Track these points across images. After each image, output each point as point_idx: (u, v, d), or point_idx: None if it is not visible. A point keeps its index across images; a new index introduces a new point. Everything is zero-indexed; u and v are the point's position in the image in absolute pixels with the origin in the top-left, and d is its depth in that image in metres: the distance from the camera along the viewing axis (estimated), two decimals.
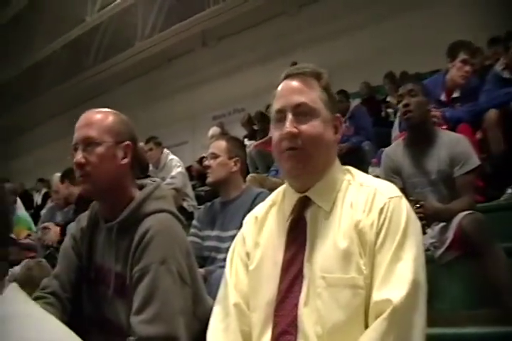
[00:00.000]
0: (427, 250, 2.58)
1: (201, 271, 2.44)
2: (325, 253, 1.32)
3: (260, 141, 6.81)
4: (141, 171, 1.90)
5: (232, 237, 1.62)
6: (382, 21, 8.39)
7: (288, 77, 1.45)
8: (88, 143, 1.67)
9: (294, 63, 1.54)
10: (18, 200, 5.53)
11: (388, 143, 3.81)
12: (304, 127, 1.37)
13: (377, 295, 1.23)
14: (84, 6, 9.12)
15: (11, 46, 10.35)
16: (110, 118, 1.73)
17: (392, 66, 6.95)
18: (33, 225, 5.51)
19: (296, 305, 1.30)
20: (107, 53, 10.74)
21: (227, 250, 1.59)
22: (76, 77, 11.22)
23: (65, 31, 9.49)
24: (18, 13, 8.81)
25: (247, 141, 7.10)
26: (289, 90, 1.42)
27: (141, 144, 5.88)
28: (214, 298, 1.53)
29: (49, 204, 6.78)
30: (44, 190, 9.49)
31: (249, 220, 1.55)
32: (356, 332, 1.23)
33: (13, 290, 0.83)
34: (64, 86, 11.44)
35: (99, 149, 1.66)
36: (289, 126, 1.36)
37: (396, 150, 3.10)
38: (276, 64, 8.59)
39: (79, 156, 1.66)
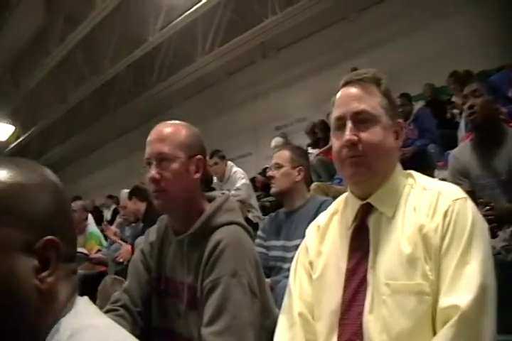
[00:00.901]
0: (498, 253, 2.48)
1: (267, 281, 2.41)
2: (389, 260, 1.29)
3: (322, 149, 6.78)
4: (206, 184, 1.92)
5: (297, 246, 1.61)
6: (443, 20, 8.19)
7: (347, 83, 1.44)
8: (161, 158, 1.68)
9: (354, 69, 1.52)
10: (90, 216, 5.69)
11: (454, 145, 3.70)
12: (364, 135, 1.35)
13: (444, 301, 1.19)
14: (146, 26, 9.38)
15: (81, 68, 10.76)
16: (182, 132, 1.74)
17: (455, 65, 6.76)
18: (103, 240, 5.66)
19: (360, 313, 1.28)
20: (170, 70, 10.98)
21: (292, 259, 1.59)
22: (140, 96, 11.52)
23: (129, 52, 9.79)
24: (86, 37, 9.16)
25: (310, 150, 7.07)
26: (349, 97, 1.40)
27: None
28: (280, 307, 1.52)
29: (118, 219, 6.94)
30: (113, 206, 9.72)
31: (311, 229, 1.55)
32: (423, 339, 1.19)
33: (85, 303, 0.85)
34: (130, 105, 11.77)
35: (174, 165, 1.67)
36: (348, 133, 1.35)
37: (463, 151, 3.00)
38: (336, 71, 8.54)
39: (153, 172, 1.67)
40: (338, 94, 1.44)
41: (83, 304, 0.84)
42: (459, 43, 7.80)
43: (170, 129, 1.73)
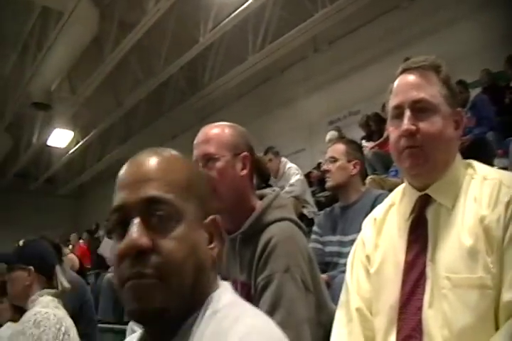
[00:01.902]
0: None
1: (323, 276, 2.43)
2: (449, 253, 1.26)
3: (376, 142, 6.69)
4: (263, 181, 1.93)
5: (353, 241, 1.59)
6: (499, 4, 7.90)
7: (405, 71, 1.40)
8: (208, 159, 1.70)
9: (407, 59, 1.49)
10: None
11: None
12: (423, 124, 1.32)
13: (507, 295, 1.15)
14: (197, 27, 9.48)
15: (136, 72, 10.97)
16: (226, 132, 1.76)
17: None
18: None
19: (420, 308, 1.25)
20: (221, 70, 11.05)
21: (348, 254, 1.58)
22: (194, 96, 11.65)
23: (181, 53, 9.92)
24: (139, 41, 9.34)
25: (364, 143, 7.00)
26: (407, 85, 1.37)
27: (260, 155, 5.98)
28: (337, 303, 1.51)
29: None
30: None
31: (368, 222, 1.52)
32: (485, 335, 1.15)
33: (226, 286, 0.95)
34: (184, 106, 11.93)
35: (219, 164, 1.69)
36: (407, 123, 1.32)
37: None
38: (389, 62, 8.35)
39: None
40: (396, 82, 1.41)
41: (224, 286, 0.94)
42: None
43: (214, 130, 1.76)
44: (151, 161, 0.90)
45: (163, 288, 0.83)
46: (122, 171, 0.92)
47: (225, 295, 0.90)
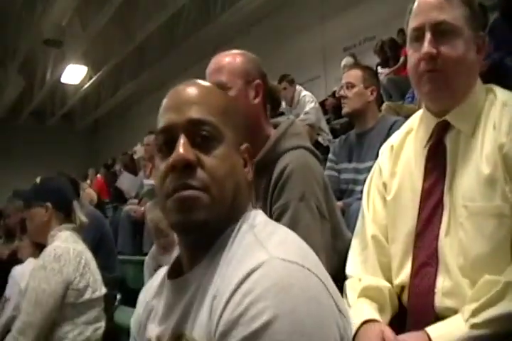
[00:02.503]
0: None
1: (339, 204, 2.45)
2: (467, 181, 1.22)
3: (392, 68, 6.54)
4: (274, 109, 1.90)
5: (369, 168, 1.57)
6: None
7: None
8: (220, 88, 1.66)
9: None
10: None
11: None
12: (444, 48, 1.26)
13: None
14: None
15: (146, 4, 10.68)
16: (238, 60, 1.72)
17: None
18: None
19: (436, 236, 1.23)
20: None
21: (364, 182, 1.55)
22: (205, 27, 11.38)
23: None
24: None
25: (380, 69, 6.84)
26: (428, 6, 1.29)
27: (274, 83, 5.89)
28: (353, 230, 1.50)
29: None
30: None
31: (384, 149, 1.49)
32: (501, 263, 1.14)
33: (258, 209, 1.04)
34: (195, 36, 11.67)
35: (231, 93, 1.65)
36: (427, 46, 1.26)
37: None
38: None
39: None
40: (416, 2, 1.33)
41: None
42: None
43: (226, 59, 1.73)
44: (194, 88, 0.99)
45: (207, 200, 0.90)
46: (167, 97, 1.00)
47: (259, 215, 0.99)
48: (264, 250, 0.85)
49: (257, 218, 0.97)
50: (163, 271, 1.10)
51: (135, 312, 1.14)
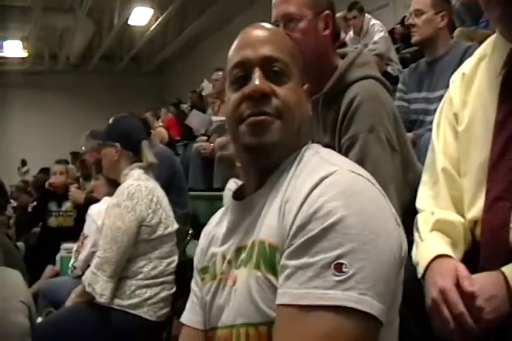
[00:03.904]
0: None
1: (409, 135, 2.39)
2: None
3: None
4: (335, 39, 1.82)
5: (441, 98, 1.48)
6: None
7: None
8: (289, 19, 1.61)
9: None
10: None
11: None
12: None
13: None
14: None
15: None
16: None
17: None
18: None
19: (511, 169, 1.15)
20: None
21: (435, 112, 1.47)
22: None
23: None
24: None
25: None
26: None
27: (343, 13, 5.68)
28: (423, 162, 1.45)
29: None
30: None
31: (455, 78, 1.39)
32: None
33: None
34: None
35: (301, 25, 1.60)
36: None
37: None
38: None
39: None
40: None
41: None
42: None
43: None
44: (265, 30, 1.09)
45: (280, 126, 0.99)
46: (240, 36, 1.08)
47: (321, 147, 1.05)
48: (333, 164, 0.92)
49: (320, 147, 1.04)
50: (225, 207, 1.17)
51: (198, 245, 1.19)
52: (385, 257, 0.83)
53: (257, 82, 0.99)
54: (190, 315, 1.14)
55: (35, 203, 5.52)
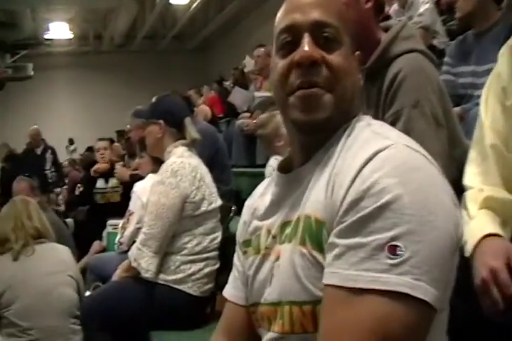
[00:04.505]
0: None
1: (457, 109, 2.34)
2: None
3: None
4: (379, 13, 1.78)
5: (489, 71, 1.44)
6: None
7: None
8: None
9: None
10: None
11: None
12: None
13: None
14: None
15: None
16: None
17: None
18: None
19: None
20: None
21: (483, 86, 1.43)
22: None
23: None
24: None
25: None
26: None
27: None
28: (471, 138, 1.41)
29: None
30: None
31: (504, 51, 1.35)
32: None
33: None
34: None
35: None
36: None
37: None
38: None
39: None
40: None
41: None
42: None
43: None
44: None
45: (331, 99, 0.92)
46: (288, 0, 1.01)
47: (372, 119, 0.99)
48: (387, 138, 0.86)
49: (371, 120, 0.98)
50: (267, 179, 1.14)
51: (241, 218, 1.17)
52: (442, 240, 0.78)
53: (306, 48, 0.92)
54: (232, 290, 1.13)
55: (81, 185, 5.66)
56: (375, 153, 0.82)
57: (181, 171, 2.31)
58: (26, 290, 2.49)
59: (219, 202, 2.44)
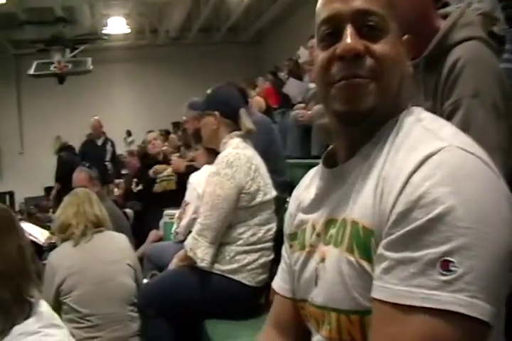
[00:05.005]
0: None
1: None
2: None
3: None
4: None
5: None
6: None
7: None
8: None
9: None
10: None
11: None
12: None
13: None
14: None
15: None
16: None
17: None
18: None
19: None
20: None
21: None
22: None
23: None
24: None
25: None
26: None
27: None
28: None
29: None
30: None
31: None
32: None
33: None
34: None
35: None
36: None
37: None
38: None
39: None
40: None
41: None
42: None
43: None
44: None
45: (375, 89, 0.88)
46: None
47: (423, 111, 0.94)
48: (440, 139, 0.80)
49: (422, 113, 0.93)
50: (314, 169, 1.12)
51: (287, 209, 1.16)
52: (501, 253, 0.72)
53: (349, 40, 0.88)
54: (281, 282, 1.12)
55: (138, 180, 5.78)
56: (427, 158, 0.77)
57: (236, 162, 2.32)
58: (86, 278, 2.56)
59: (274, 193, 2.44)
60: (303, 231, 1.02)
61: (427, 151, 0.78)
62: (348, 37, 0.88)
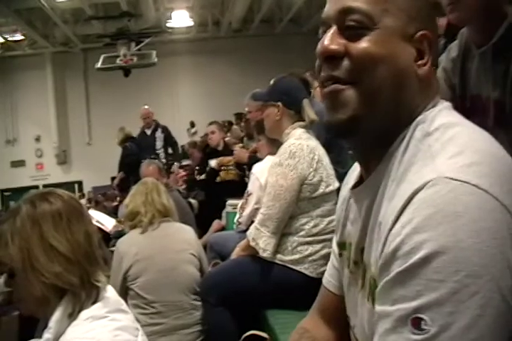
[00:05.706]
0: None
1: None
2: None
3: None
4: None
5: None
6: None
7: None
8: None
9: None
10: None
11: None
12: None
13: None
14: None
15: None
16: None
17: None
18: None
19: None
20: None
21: None
22: None
23: None
24: None
25: None
26: None
27: None
28: None
29: None
30: None
31: None
32: None
33: (445, 105, 0.85)
34: None
35: None
36: None
37: None
38: None
39: None
40: None
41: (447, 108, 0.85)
42: None
43: None
44: None
45: (354, 94, 0.79)
46: None
47: (441, 116, 0.80)
48: (433, 165, 0.70)
49: (436, 121, 0.79)
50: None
51: (337, 207, 1.07)
52: (488, 307, 0.61)
53: (326, 41, 0.82)
54: (329, 277, 1.10)
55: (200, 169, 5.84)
56: (412, 196, 0.68)
57: (299, 153, 2.31)
58: (152, 265, 2.63)
59: (336, 184, 2.41)
60: (349, 246, 0.95)
61: (414, 186, 0.69)
62: (326, 38, 0.82)
